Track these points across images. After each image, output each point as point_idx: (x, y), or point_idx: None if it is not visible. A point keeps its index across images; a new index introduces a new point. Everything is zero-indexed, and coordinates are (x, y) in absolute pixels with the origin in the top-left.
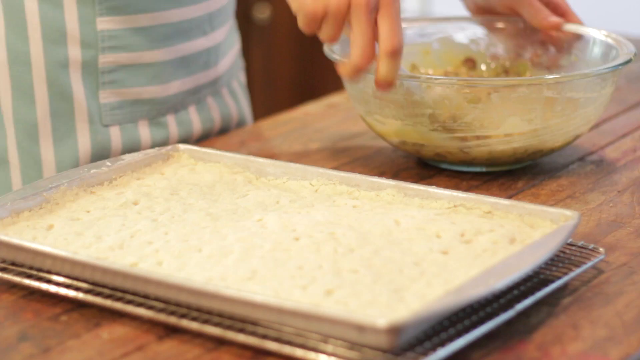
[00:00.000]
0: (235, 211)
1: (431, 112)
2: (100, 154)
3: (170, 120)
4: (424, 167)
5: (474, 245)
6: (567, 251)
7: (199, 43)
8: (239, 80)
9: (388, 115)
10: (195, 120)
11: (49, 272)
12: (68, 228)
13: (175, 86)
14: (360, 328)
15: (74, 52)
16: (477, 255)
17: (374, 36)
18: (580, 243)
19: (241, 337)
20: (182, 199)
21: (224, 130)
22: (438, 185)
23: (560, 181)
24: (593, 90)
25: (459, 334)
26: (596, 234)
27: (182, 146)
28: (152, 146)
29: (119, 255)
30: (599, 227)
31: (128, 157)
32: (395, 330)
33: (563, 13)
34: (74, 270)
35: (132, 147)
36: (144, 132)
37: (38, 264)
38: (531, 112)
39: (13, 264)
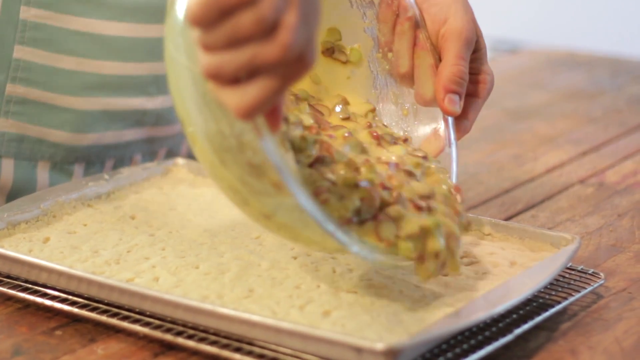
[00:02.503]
0: (233, 228)
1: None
2: None
3: (78, 170)
4: None
5: (475, 267)
6: (567, 275)
7: (136, 102)
8: None
9: None
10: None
11: (44, 285)
12: (64, 241)
13: (93, 138)
14: (358, 350)
15: None
16: (478, 278)
17: None
18: (579, 267)
19: (237, 357)
20: (180, 214)
21: None
22: None
23: (560, 204)
24: None
25: (457, 358)
26: (596, 258)
27: (181, 160)
28: None
29: (115, 270)
30: (598, 252)
31: (126, 171)
32: (393, 354)
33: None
34: (70, 285)
35: (23, 187)
36: (43, 175)
37: (33, 277)
38: None
39: (8, 276)
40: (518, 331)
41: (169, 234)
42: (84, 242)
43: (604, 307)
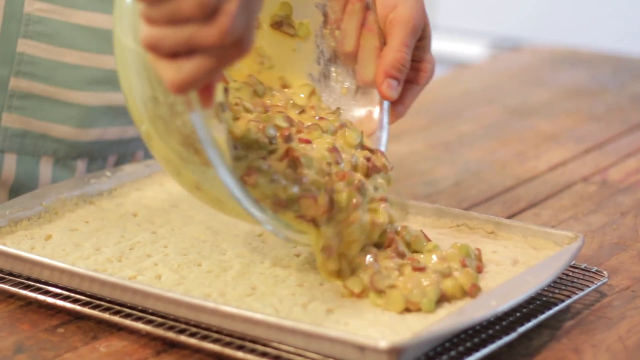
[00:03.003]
0: (235, 225)
1: None
2: None
3: (81, 165)
4: (426, 183)
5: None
6: (570, 274)
7: None
8: None
9: None
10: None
11: (46, 283)
12: (66, 238)
13: (96, 133)
14: (362, 349)
15: None
16: (480, 276)
17: None
18: (583, 266)
19: (240, 355)
20: (183, 212)
21: None
22: (440, 201)
23: (563, 202)
24: None
25: (460, 356)
26: (599, 256)
27: None
28: None
29: (118, 268)
30: (601, 250)
31: (128, 168)
32: (396, 352)
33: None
34: (72, 282)
35: (25, 182)
36: (45, 170)
37: (35, 275)
38: None
39: (10, 273)
40: (521, 329)
41: (171, 232)
42: (86, 239)
43: (607, 306)
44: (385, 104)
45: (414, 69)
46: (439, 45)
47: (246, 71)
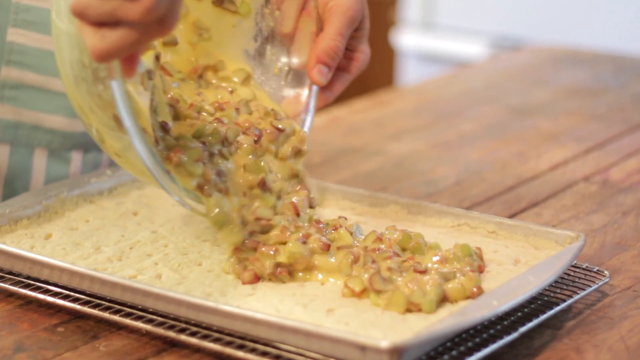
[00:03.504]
0: None
1: None
2: None
3: (76, 157)
4: (427, 183)
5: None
6: (571, 273)
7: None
8: None
9: None
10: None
11: (46, 282)
12: (66, 238)
13: None
14: (363, 349)
15: None
16: (482, 276)
17: None
18: (584, 265)
19: (240, 354)
20: (183, 211)
21: None
22: (441, 201)
23: (564, 201)
24: None
25: (461, 356)
26: (600, 256)
27: None
28: (45, 180)
29: (118, 267)
30: (603, 249)
31: None
32: (398, 352)
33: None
34: (72, 281)
35: (19, 174)
36: (39, 162)
37: (35, 274)
38: None
39: (10, 272)
40: (523, 329)
41: (172, 231)
42: (86, 238)
43: (608, 305)
44: (314, 88)
45: (347, 57)
46: (439, 44)
47: (185, 41)
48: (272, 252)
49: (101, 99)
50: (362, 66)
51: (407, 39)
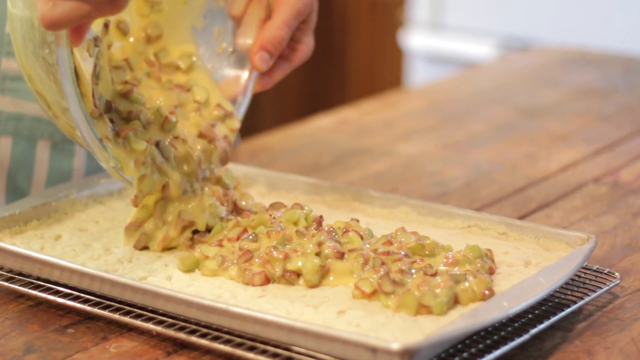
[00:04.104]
0: None
1: None
2: None
3: (80, 149)
4: (436, 184)
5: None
6: (582, 275)
7: None
8: None
9: None
10: None
11: (56, 283)
12: (76, 239)
13: None
14: (374, 351)
15: None
16: (493, 277)
17: None
18: (595, 267)
19: (251, 356)
20: None
21: None
22: (451, 202)
23: (574, 203)
24: None
25: (472, 358)
26: (611, 257)
27: None
28: (49, 172)
29: (128, 269)
30: (613, 251)
31: None
32: (409, 354)
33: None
34: (82, 283)
35: (21, 166)
36: (42, 154)
37: (45, 275)
38: None
39: (20, 273)
40: (534, 331)
41: None
42: (96, 239)
43: (619, 307)
44: (255, 73)
45: (291, 47)
46: (447, 45)
47: (136, 13)
48: (281, 257)
49: (45, 62)
50: (304, 57)
51: (415, 39)
